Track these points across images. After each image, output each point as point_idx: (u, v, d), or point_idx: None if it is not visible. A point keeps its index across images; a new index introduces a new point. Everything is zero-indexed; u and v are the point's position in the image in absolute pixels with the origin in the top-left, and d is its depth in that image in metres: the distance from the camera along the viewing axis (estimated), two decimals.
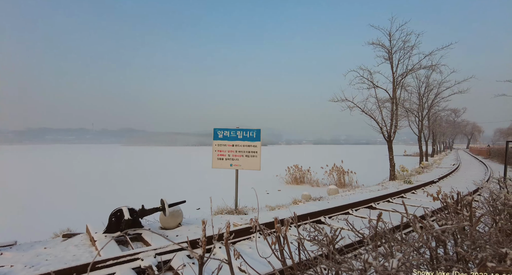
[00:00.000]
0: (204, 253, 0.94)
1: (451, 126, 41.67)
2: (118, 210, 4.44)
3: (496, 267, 0.82)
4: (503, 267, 0.82)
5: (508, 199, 1.58)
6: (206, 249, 3.45)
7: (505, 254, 0.91)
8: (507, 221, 1.38)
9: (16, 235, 4.52)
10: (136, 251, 3.42)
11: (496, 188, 3.89)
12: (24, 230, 6.57)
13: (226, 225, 1.09)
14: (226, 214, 6.44)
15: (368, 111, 13.70)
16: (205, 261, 0.96)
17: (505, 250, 0.88)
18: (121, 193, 13.07)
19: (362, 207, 6.59)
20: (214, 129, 7.17)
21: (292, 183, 16.36)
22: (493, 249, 0.94)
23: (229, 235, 1.03)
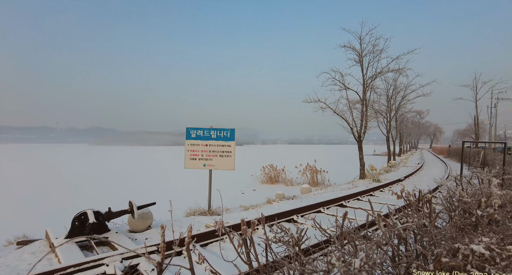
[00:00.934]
0: (163, 259, 0.89)
1: (416, 127, 44.24)
2: (82, 213, 4.18)
3: (449, 262, 0.86)
4: (455, 262, 0.86)
5: (462, 196, 1.69)
6: (178, 251, 3.34)
7: (457, 249, 0.95)
8: (461, 216, 1.47)
9: None
10: (100, 256, 3.24)
11: (454, 185, 4.16)
12: None
13: (188, 228, 1.05)
14: (198, 215, 6.32)
15: (339, 112, 14.15)
16: (164, 267, 0.91)
17: (458, 245, 0.93)
18: (87, 195, 12.40)
19: (333, 205, 6.77)
20: (186, 129, 7.01)
21: (267, 182, 16.47)
22: (447, 245, 0.98)
23: (190, 240, 0.99)
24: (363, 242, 1.25)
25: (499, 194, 1.52)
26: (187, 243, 0.98)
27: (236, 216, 6.13)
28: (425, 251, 0.93)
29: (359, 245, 1.18)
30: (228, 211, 6.96)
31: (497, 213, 1.36)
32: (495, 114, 35.39)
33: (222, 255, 1.27)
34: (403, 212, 1.72)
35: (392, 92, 22.18)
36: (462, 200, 1.61)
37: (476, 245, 0.92)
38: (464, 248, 0.93)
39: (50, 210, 9.45)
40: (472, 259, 0.91)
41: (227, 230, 1.25)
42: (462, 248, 0.93)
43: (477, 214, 1.34)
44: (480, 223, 1.31)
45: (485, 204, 1.59)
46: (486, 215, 1.33)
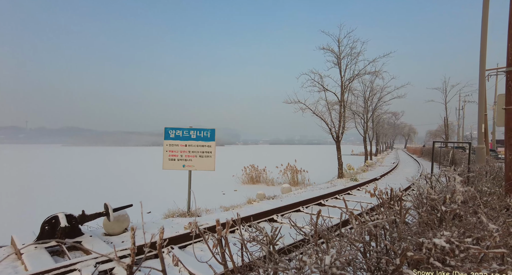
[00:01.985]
0: (133, 262, 0.87)
1: (392, 128, 45.99)
2: (53, 216, 3.99)
3: (414, 255, 0.90)
4: (419, 255, 0.90)
5: (430, 193, 1.78)
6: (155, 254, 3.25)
7: (421, 244, 1.00)
8: (428, 212, 1.55)
9: None
10: (72, 262, 3.10)
11: (424, 183, 4.36)
12: None
13: (160, 230, 1.03)
14: (178, 217, 6.22)
15: (318, 113, 14.43)
16: (134, 270, 0.89)
17: (422, 239, 0.98)
18: (60, 198, 11.83)
19: (312, 204, 6.89)
20: (165, 129, 6.87)
21: (248, 182, 16.48)
22: (413, 240, 1.03)
23: (162, 241, 0.97)
24: (336, 240, 1.28)
25: (461, 190, 1.62)
26: (158, 244, 0.96)
27: (216, 217, 6.08)
28: (392, 246, 0.97)
29: (332, 242, 1.21)
30: (208, 212, 6.90)
31: (459, 209, 1.45)
32: (463, 116, 37.58)
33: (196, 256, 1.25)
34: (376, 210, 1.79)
35: (369, 94, 22.91)
36: (430, 197, 1.69)
37: (438, 239, 0.97)
38: (428, 242, 0.98)
39: (18, 215, 8.92)
40: (434, 252, 0.96)
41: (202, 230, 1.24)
42: (426, 242, 0.98)
43: (442, 210, 1.42)
44: (445, 218, 1.40)
45: (450, 200, 1.68)
46: (450, 211, 1.41)
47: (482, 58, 7.27)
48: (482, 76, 7.45)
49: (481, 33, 7.32)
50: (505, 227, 1.40)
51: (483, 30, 7.33)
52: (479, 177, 3.79)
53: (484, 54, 7.25)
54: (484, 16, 7.33)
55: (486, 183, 2.97)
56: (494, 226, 1.09)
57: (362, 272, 1.11)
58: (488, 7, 7.38)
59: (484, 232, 1.11)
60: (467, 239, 0.99)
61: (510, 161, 3.09)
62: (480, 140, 7.69)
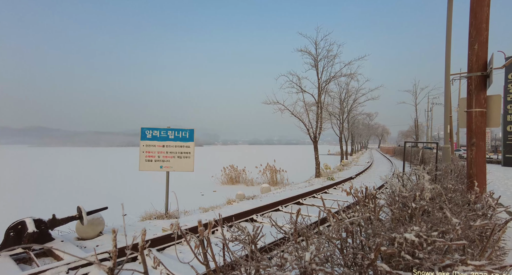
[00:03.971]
0: (115, 264, 0.86)
1: (366, 128, 47.74)
2: (19, 222, 3.76)
3: (386, 250, 0.96)
4: (391, 250, 0.97)
5: (401, 191, 1.89)
6: (132, 257, 3.18)
7: (393, 238, 1.07)
8: (400, 209, 1.65)
9: None
10: (42, 269, 2.95)
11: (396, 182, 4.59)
12: None
13: (142, 232, 1.02)
14: (155, 219, 6.08)
15: (297, 114, 14.70)
16: (116, 273, 0.88)
17: (394, 234, 1.05)
18: (28, 203, 11.13)
19: (291, 203, 7.01)
20: (141, 129, 6.69)
21: (227, 183, 16.41)
22: (386, 235, 1.10)
23: (145, 242, 0.96)
24: (315, 237, 1.33)
25: (429, 188, 1.75)
26: (140, 246, 0.95)
27: (195, 218, 6.02)
28: (367, 242, 1.03)
29: (311, 240, 1.26)
30: (187, 213, 6.81)
31: (427, 205, 1.56)
32: (431, 117, 39.86)
33: (178, 258, 1.25)
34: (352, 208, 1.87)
35: (345, 95, 23.66)
36: (401, 194, 1.80)
37: (408, 233, 1.04)
38: (399, 237, 1.05)
39: None
40: (405, 246, 1.04)
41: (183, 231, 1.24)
42: (398, 237, 1.05)
43: (412, 207, 1.53)
44: (415, 214, 1.50)
45: (419, 198, 1.80)
46: (419, 207, 1.52)
47: (447, 63, 7.79)
48: (447, 80, 7.98)
49: (446, 40, 7.83)
50: (466, 220, 1.52)
51: (448, 37, 7.83)
52: (445, 174, 4.06)
53: (448, 60, 7.77)
54: (448, 24, 7.85)
55: (451, 180, 3.19)
56: (456, 220, 1.19)
57: (340, 268, 1.16)
58: (452, 16, 7.91)
59: (448, 226, 1.21)
60: (433, 233, 1.07)
61: (470, 160, 3.33)
62: (446, 140, 8.23)
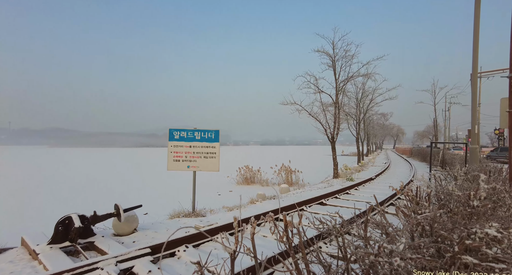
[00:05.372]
0: (237, 247, 0.97)
1: (381, 129, 46.96)
2: (67, 217, 3.99)
3: (472, 243, 1.04)
4: (478, 243, 1.04)
5: (453, 190, 1.93)
6: (170, 252, 3.32)
7: (473, 233, 1.14)
8: (457, 208, 1.70)
9: None
10: (94, 261, 3.14)
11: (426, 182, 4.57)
12: None
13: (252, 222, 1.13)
14: (183, 217, 6.26)
15: (314, 114, 14.69)
16: (236, 255, 0.99)
17: (475, 229, 1.11)
18: (60, 201, 11.61)
19: (314, 204, 7.05)
20: (169, 130, 6.90)
21: (243, 183, 16.56)
22: (462, 231, 1.17)
23: (254, 229, 1.07)
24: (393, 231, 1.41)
25: (485, 187, 1.79)
26: (252, 233, 1.06)
27: (222, 217, 6.15)
28: (449, 236, 1.10)
29: (392, 233, 1.34)
30: (213, 212, 6.96)
31: (490, 204, 1.60)
32: (449, 117, 38.81)
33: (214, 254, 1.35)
34: (399, 206, 1.93)
35: (361, 95, 23.40)
36: (454, 193, 1.85)
37: (488, 229, 1.11)
38: (480, 232, 1.12)
39: (19, 217, 8.73)
40: (488, 240, 1.10)
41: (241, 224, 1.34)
42: (478, 232, 1.12)
43: (473, 205, 1.58)
44: (476, 212, 1.55)
45: (473, 197, 1.84)
46: (482, 206, 1.57)
47: (474, 63, 7.62)
48: (474, 79, 7.80)
49: (473, 39, 7.67)
50: None
51: (475, 36, 7.67)
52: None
53: (476, 59, 7.60)
54: (476, 23, 7.69)
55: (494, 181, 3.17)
56: None
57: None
58: (479, 15, 7.74)
59: None
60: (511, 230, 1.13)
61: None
62: (474, 141, 8.05)
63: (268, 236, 4.44)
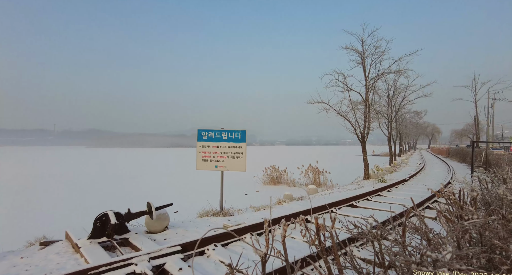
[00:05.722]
0: (268, 250, 0.94)
1: (415, 128, 44.54)
2: (104, 214, 4.22)
3: None
4: None
5: (505, 194, 1.76)
6: (200, 251, 3.36)
7: None
8: (509, 213, 1.54)
9: None
10: (128, 256, 3.28)
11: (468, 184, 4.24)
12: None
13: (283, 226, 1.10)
14: (212, 216, 6.36)
15: (342, 113, 14.27)
16: (267, 258, 0.97)
17: None
18: (93, 197, 12.38)
19: (344, 205, 6.84)
20: (198, 131, 7.06)
21: (269, 183, 16.54)
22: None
23: (285, 233, 1.04)
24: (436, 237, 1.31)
25: None
26: (283, 236, 1.03)
27: (249, 216, 6.18)
28: (505, 246, 0.99)
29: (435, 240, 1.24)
30: (240, 211, 7.00)
31: None
32: (492, 114, 35.83)
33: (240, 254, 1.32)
34: (440, 210, 1.78)
35: (393, 93, 22.36)
36: (506, 198, 1.68)
37: None
38: None
39: (61, 212, 9.43)
40: None
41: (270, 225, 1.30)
42: None
43: None
44: None
45: None
46: None
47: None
48: None
49: None
50: None
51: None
52: None
53: None
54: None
55: None
56: None
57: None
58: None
59: None
60: None
61: None
62: None
63: (297, 237, 4.37)
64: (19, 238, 4.78)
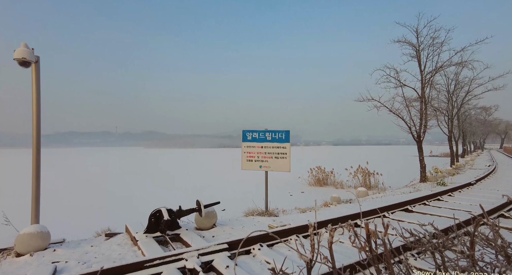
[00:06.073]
0: (313, 256, 0.91)
1: (482, 125, 39.49)
2: (157, 210, 4.53)
3: None
4: None
5: None
6: (246, 250, 3.40)
7: None
8: None
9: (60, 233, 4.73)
10: (179, 252, 3.46)
11: None
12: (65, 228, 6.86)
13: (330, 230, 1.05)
14: (257, 216, 6.43)
15: (395, 111, 13.28)
16: (313, 264, 0.93)
17: None
18: (150, 193, 13.42)
19: (398, 210, 6.35)
20: (242, 131, 7.20)
21: (315, 184, 16.17)
22: None
23: (332, 240, 0.99)
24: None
25: None
26: (329, 242, 0.98)
27: (295, 218, 6.09)
28: None
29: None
30: (285, 212, 6.96)
31: None
32: None
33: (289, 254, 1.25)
34: None
35: (454, 87, 20.11)
36: None
37: None
38: None
39: (121, 206, 10.44)
40: None
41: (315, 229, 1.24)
42: None
43: None
44: None
45: None
46: None
47: None
48: None
49: None
50: None
51: None
52: None
53: None
54: None
55: None
56: None
57: None
58: None
59: None
60: None
61: None
62: None
63: (345, 242, 4.17)
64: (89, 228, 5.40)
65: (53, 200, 11.67)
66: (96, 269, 2.90)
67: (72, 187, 15.95)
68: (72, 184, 16.99)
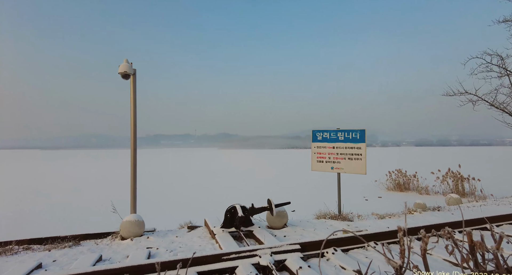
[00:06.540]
0: (403, 263, 0.82)
1: None
2: (232, 207, 4.79)
3: None
4: None
5: None
6: (317, 253, 3.28)
7: None
8: None
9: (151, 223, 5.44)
10: (253, 248, 3.58)
11: None
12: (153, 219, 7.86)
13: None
14: (329, 219, 6.19)
15: (499, 105, 11.07)
16: (403, 272, 0.84)
17: None
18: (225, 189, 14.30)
19: (505, 223, 5.27)
20: (312, 131, 7.04)
21: (394, 189, 14.70)
22: None
23: (410, 248, 0.88)
24: None
25: None
26: (407, 247, 0.87)
27: (372, 224, 5.65)
28: None
29: None
30: (361, 217, 6.52)
31: None
32: None
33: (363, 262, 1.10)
34: None
35: None
36: None
37: None
38: None
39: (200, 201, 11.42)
40: None
41: (405, 233, 1.08)
42: None
43: None
44: None
45: None
46: None
47: None
48: None
49: None
50: None
51: None
52: None
53: None
54: None
55: None
56: None
57: None
58: None
59: None
60: None
61: None
62: None
63: (434, 254, 3.66)
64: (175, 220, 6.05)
65: (147, 193, 13.48)
66: (181, 257, 3.24)
67: (161, 182, 18.15)
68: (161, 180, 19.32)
